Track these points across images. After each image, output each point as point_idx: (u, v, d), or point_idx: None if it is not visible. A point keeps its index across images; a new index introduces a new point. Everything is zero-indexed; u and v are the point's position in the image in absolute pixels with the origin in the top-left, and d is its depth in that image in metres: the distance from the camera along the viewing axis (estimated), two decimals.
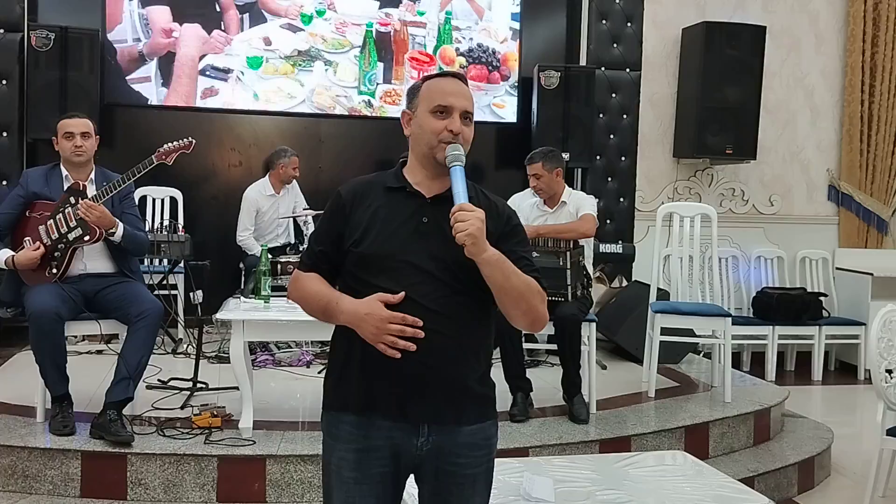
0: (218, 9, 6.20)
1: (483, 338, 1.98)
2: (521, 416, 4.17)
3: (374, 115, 6.54)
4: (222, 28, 6.22)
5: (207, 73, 6.23)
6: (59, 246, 3.81)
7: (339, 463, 1.91)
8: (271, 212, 6.04)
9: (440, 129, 1.92)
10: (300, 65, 6.37)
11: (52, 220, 3.82)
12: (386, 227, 1.89)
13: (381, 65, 6.52)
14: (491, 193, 2.07)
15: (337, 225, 1.95)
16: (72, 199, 3.80)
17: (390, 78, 6.56)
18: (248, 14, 6.25)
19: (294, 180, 6.12)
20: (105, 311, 3.88)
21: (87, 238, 3.78)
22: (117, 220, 3.84)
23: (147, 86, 6.15)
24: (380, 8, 6.51)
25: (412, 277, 1.85)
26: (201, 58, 6.21)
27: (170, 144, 4.00)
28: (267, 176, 6.08)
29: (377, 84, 6.51)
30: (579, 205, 4.52)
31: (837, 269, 7.23)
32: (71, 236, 3.79)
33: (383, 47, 6.53)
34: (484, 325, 1.97)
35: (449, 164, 1.90)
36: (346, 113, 6.47)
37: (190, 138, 4.05)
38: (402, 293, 1.82)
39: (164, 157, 3.98)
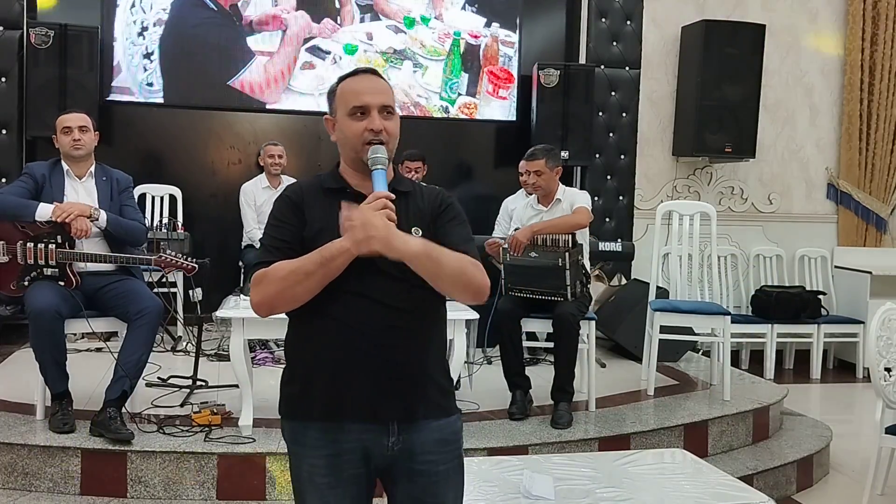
0: (337, 5, 6.47)
1: (442, 329, 2.00)
2: (519, 413, 4.17)
3: (442, 116, 6.65)
4: (338, 21, 6.47)
5: (311, 50, 6.48)
6: (32, 274, 3.79)
7: (310, 470, 1.89)
8: (268, 205, 6.07)
9: (361, 131, 1.90)
10: (391, 61, 6.56)
11: (31, 244, 3.78)
12: (335, 229, 1.83)
13: (465, 76, 6.64)
14: (427, 185, 2.06)
15: (296, 219, 1.91)
16: (58, 238, 3.79)
17: (474, 91, 6.68)
18: (368, 15, 6.53)
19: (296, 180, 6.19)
20: (105, 309, 3.88)
21: (61, 283, 3.78)
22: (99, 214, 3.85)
23: (262, 58, 6.39)
24: (485, 25, 6.67)
25: (371, 277, 1.83)
26: (308, 39, 6.45)
27: (176, 258, 3.98)
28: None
29: (459, 94, 6.65)
30: (573, 200, 4.50)
31: (836, 267, 7.24)
32: (47, 272, 3.78)
33: (472, 59, 6.67)
34: (442, 317, 1.98)
35: (371, 167, 1.88)
36: (416, 112, 6.56)
37: (195, 264, 4.04)
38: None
39: (162, 263, 3.99)
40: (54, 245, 3.77)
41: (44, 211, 3.76)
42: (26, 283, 3.77)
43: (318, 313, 1.85)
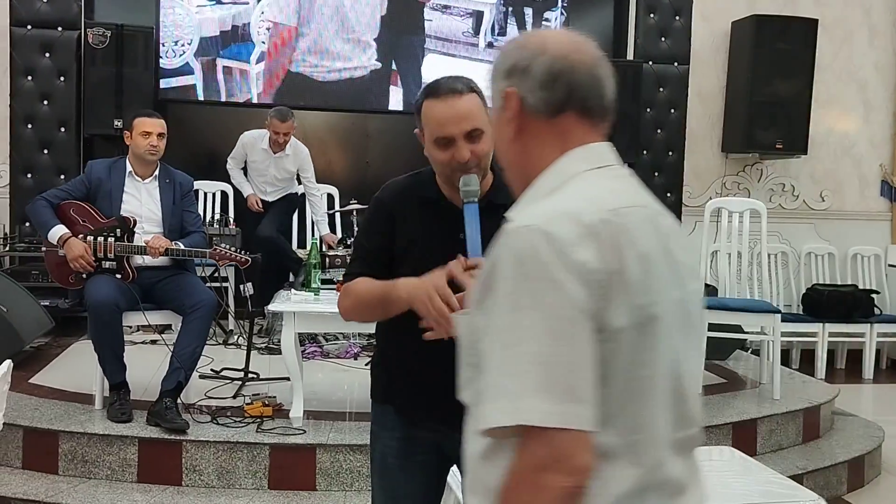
0: None
1: None
2: None
3: None
4: None
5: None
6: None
7: (383, 450, 1.98)
8: (262, 165, 5.83)
9: (447, 161, 1.88)
10: None
11: (91, 237, 3.88)
12: (427, 242, 1.90)
13: None
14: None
15: (386, 230, 1.96)
16: (118, 231, 3.88)
17: None
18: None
19: (306, 155, 5.83)
20: (161, 302, 3.99)
21: (118, 276, 3.88)
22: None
23: None
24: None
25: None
26: None
27: (230, 251, 4.05)
28: None
29: None
30: None
31: (890, 266, 7.09)
32: (105, 264, 3.88)
33: None
34: None
35: (463, 200, 1.85)
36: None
37: (248, 257, 4.10)
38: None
39: (216, 256, 4.05)
40: (113, 239, 3.88)
41: (54, 234, 3.85)
42: (84, 276, 3.88)
43: (407, 315, 1.84)
